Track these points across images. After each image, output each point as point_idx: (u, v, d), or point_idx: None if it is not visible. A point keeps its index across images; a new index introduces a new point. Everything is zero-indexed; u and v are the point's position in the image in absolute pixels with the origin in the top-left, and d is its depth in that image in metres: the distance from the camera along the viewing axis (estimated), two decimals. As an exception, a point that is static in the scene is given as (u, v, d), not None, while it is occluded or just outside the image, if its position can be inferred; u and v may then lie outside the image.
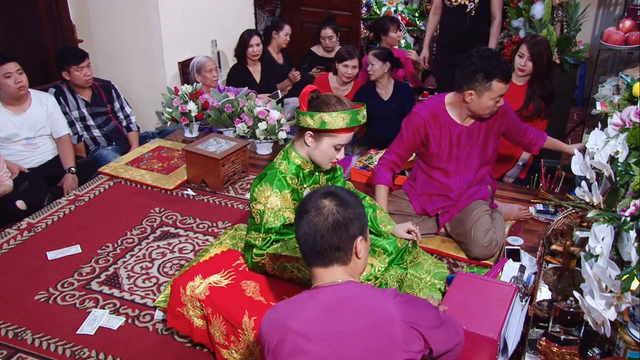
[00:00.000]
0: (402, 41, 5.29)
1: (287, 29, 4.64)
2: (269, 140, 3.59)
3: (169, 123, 3.91)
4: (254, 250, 1.99)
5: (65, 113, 3.53)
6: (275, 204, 1.97)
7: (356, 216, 1.44)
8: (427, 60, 4.44)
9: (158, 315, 2.26)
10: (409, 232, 2.33)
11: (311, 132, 1.98)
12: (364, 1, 5.56)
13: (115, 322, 2.23)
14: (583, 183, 1.84)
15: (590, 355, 1.63)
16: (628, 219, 1.49)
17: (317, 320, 1.36)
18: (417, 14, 5.66)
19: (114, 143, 3.81)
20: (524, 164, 3.33)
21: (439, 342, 1.42)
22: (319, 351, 1.32)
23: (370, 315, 1.35)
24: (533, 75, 3.20)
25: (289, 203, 2.01)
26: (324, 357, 1.32)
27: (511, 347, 1.83)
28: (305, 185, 2.07)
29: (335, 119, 1.91)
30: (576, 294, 1.52)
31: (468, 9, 3.92)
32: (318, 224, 1.41)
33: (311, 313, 1.37)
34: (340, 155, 2.02)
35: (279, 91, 4.43)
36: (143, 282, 2.47)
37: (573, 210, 2.19)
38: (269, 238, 1.98)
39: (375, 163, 2.83)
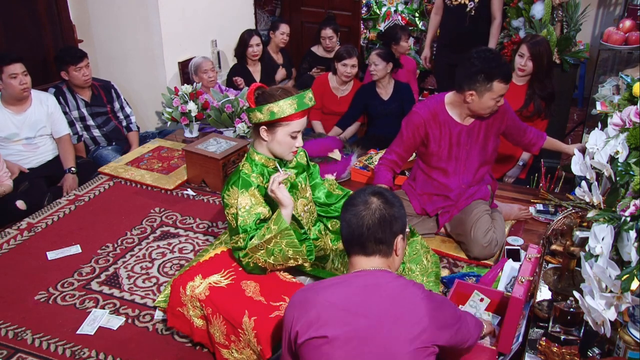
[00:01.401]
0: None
1: (282, 28, 4.64)
2: (269, 140, 3.58)
3: (169, 123, 3.91)
4: (240, 253, 2.00)
5: (65, 113, 3.53)
6: (245, 203, 1.99)
7: (399, 216, 1.56)
8: (428, 59, 4.44)
9: (158, 315, 2.26)
10: None
11: (265, 127, 2.01)
12: (364, 1, 5.56)
13: (115, 322, 2.23)
14: (583, 183, 1.84)
15: (590, 355, 1.63)
16: (628, 219, 1.50)
17: (357, 296, 1.45)
18: (417, 14, 5.66)
19: (114, 143, 3.81)
20: (524, 164, 3.33)
21: (447, 339, 1.48)
22: (358, 324, 1.41)
23: (404, 303, 1.43)
24: (533, 75, 3.20)
25: (258, 199, 2.03)
26: (362, 330, 1.40)
27: (513, 347, 1.83)
28: None
29: (283, 107, 1.94)
30: (576, 294, 1.52)
31: (468, 9, 3.92)
32: (366, 217, 1.52)
33: (351, 289, 1.47)
34: (299, 142, 2.05)
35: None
36: (143, 282, 2.47)
37: (573, 210, 2.19)
38: (248, 236, 1.98)
39: (375, 163, 2.83)
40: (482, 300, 2.02)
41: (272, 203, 2.06)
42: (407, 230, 2.28)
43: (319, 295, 1.48)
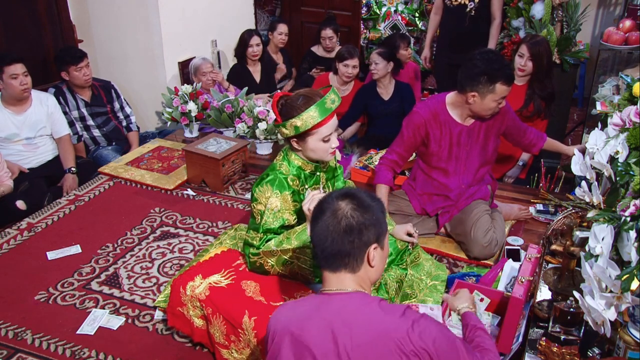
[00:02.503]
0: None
1: (280, 28, 4.64)
2: (269, 140, 3.59)
3: (169, 123, 3.91)
4: (251, 250, 1.99)
5: (65, 113, 3.53)
6: (275, 205, 1.97)
7: (372, 222, 1.36)
8: (428, 60, 4.44)
9: (158, 315, 2.26)
10: (408, 234, 2.33)
11: (294, 138, 1.98)
12: (364, 1, 5.56)
13: (115, 322, 2.23)
14: (583, 183, 1.84)
15: (590, 355, 1.63)
16: (628, 219, 1.50)
17: (319, 328, 1.32)
18: (417, 14, 5.67)
19: (114, 143, 3.81)
20: (524, 164, 3.33)
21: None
22: (317, 358, 1.29)
23: (372, 331, 1.29)
24: (533, 75, 3.20)
25: (288, 205, 2.01)
26: None
27: (512, 347, 1.83)
28: (306, 186, 2.06)
29: (306, 120, 1.88)
30: (576, 294, 1.52)
31: (468, 9, 3.92)
32: (330, 227, 1.35)
33: (314, 319, 1.34)
34: (334, 143, 1.99)
35: (279, 91, 4.43)
36: (143, 282, 2.47)
37: (573, 210, 2.19)
38: (266, 237, 1.98)
39: (376, 163, 2.83)
40: (482, 300, 2.02)
41: (300, 212, 2.05)
42: (414, 236, 2.25)
43: (286, 323, 1.36)
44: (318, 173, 2.11)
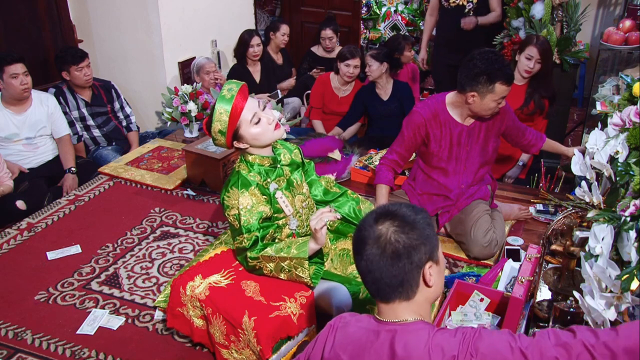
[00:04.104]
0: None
1: (283, 28, 4.64)
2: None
3: (169, 123, 3.91)
4: (248, 254, 1.99)
5: (65, 113, 3.53)
6: (247, 203, 1.98)
7: (421, 241, 1.22)
8: (425, 61, 4.44)
9: (158, 315, 2.26)
10: None
11: (234, 143, 2.00)
12: (364, 1, 5.56)
13: (115, 322, 2.23)
14: (583, 183, 1.83)
15: (590, 355, 1.63)
16: (628, 219, 1.49)
17: None
18: (417, 14, 5.67)
19: (114, 143, 3.81)
20: (524, 164, 3.33)
21: None
22: None
23: None
24: (534, 75, 3.20)
25: (259, 198, 2.01)
26: None
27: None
28: (269, 180, 2.07)
29: (219, 119, 1.91)
30: (576, 294, 1.52)
31: (466, 10, 3.92)
32: (375, 258, 1.22)
33: (369, 353, 1.24)
34: (268, 117, 1.99)
35: (278, 91, 4.44)
36: (143, 282, 2.47)
37: (573, 210, 2.19)
38: (253, 237, 1.98)
39: (375, 163, 2.83)
40: (482, 300, 2.02)
41: (272, 202, 2.06)
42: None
43: (333, 347, 1.27)
44: (279, 165, 2.11)
